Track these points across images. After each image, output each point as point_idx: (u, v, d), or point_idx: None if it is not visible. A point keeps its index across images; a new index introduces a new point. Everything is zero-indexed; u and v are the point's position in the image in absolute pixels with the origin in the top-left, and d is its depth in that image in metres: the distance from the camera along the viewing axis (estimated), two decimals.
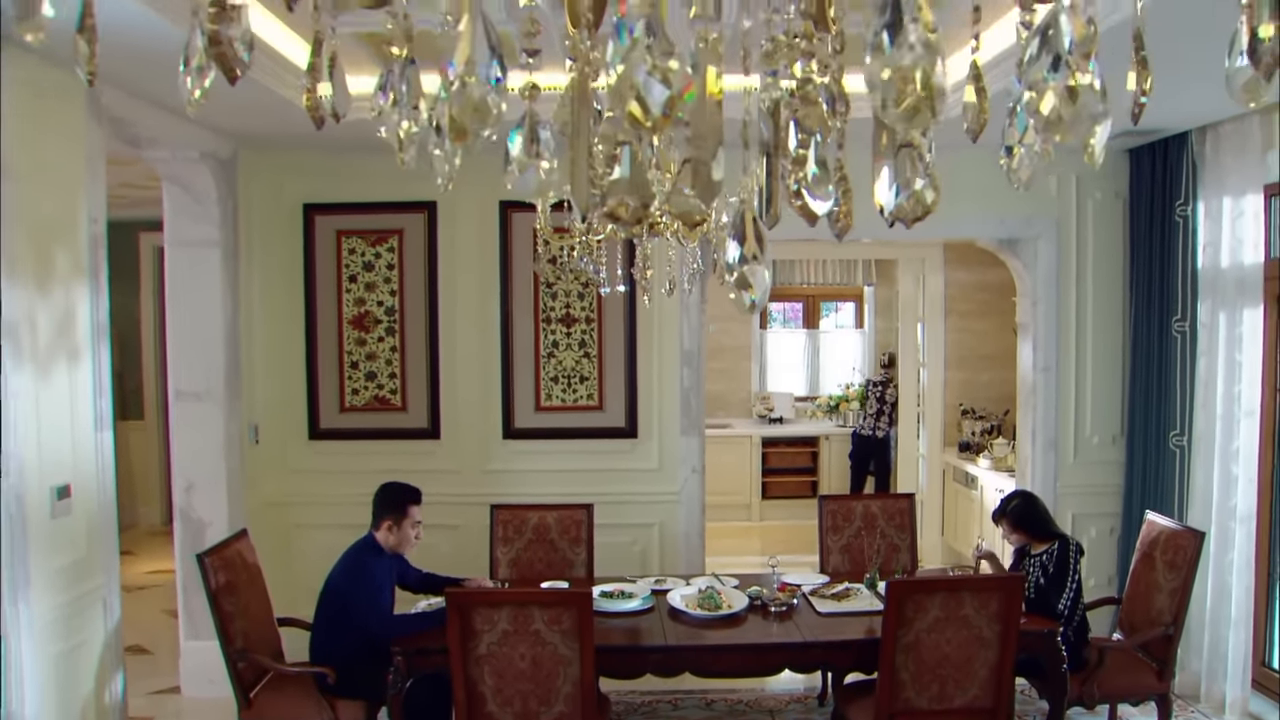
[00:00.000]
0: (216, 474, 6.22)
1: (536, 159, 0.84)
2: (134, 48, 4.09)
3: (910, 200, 0.72)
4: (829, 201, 0.82)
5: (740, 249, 0.79)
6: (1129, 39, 1.03)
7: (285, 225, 6.75)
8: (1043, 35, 0.64)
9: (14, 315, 4.05)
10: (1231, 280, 5.80)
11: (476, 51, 0.72)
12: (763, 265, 0.80)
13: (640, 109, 0.60)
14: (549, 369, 6.76)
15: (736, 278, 0.80)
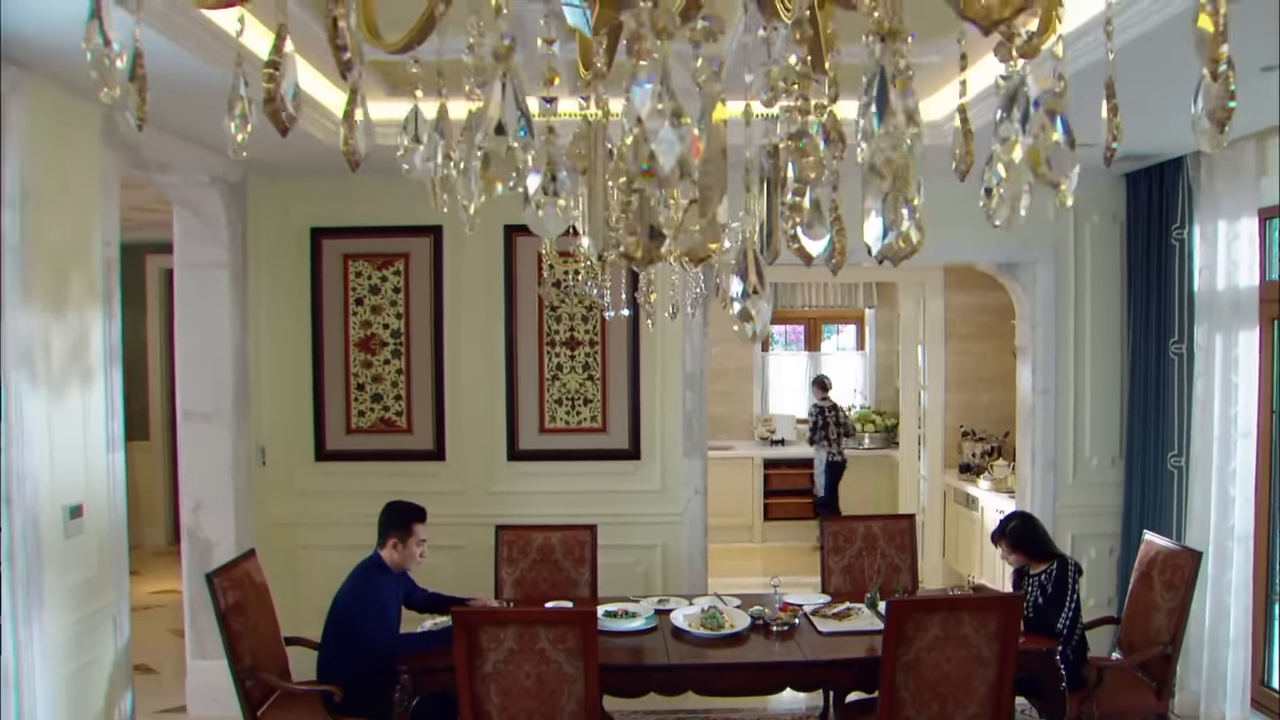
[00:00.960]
0: (224, 494, 6.29)
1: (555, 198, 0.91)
2: (150, 76, 4.18)
3: (897, 240, 0.80)
4: (823, 242, 0.89)
5: (743, 284, 0.87)
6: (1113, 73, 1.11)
7: (293, 248, 6.84)
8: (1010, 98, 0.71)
9: (30, 339, 4.13)
10: (1227, 303, 5.87)
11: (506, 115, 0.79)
12: (764, 298, 0.88)
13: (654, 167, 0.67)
14: (553, 391, 6.83)
15: (740, 311, 0.88)
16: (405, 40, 1.15)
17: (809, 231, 0.88)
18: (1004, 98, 0.69)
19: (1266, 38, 3.88)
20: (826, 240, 0.88)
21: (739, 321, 0.87)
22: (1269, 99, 4.67)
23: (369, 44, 1.19)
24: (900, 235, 0.79)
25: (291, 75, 0.96)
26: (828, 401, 11.17)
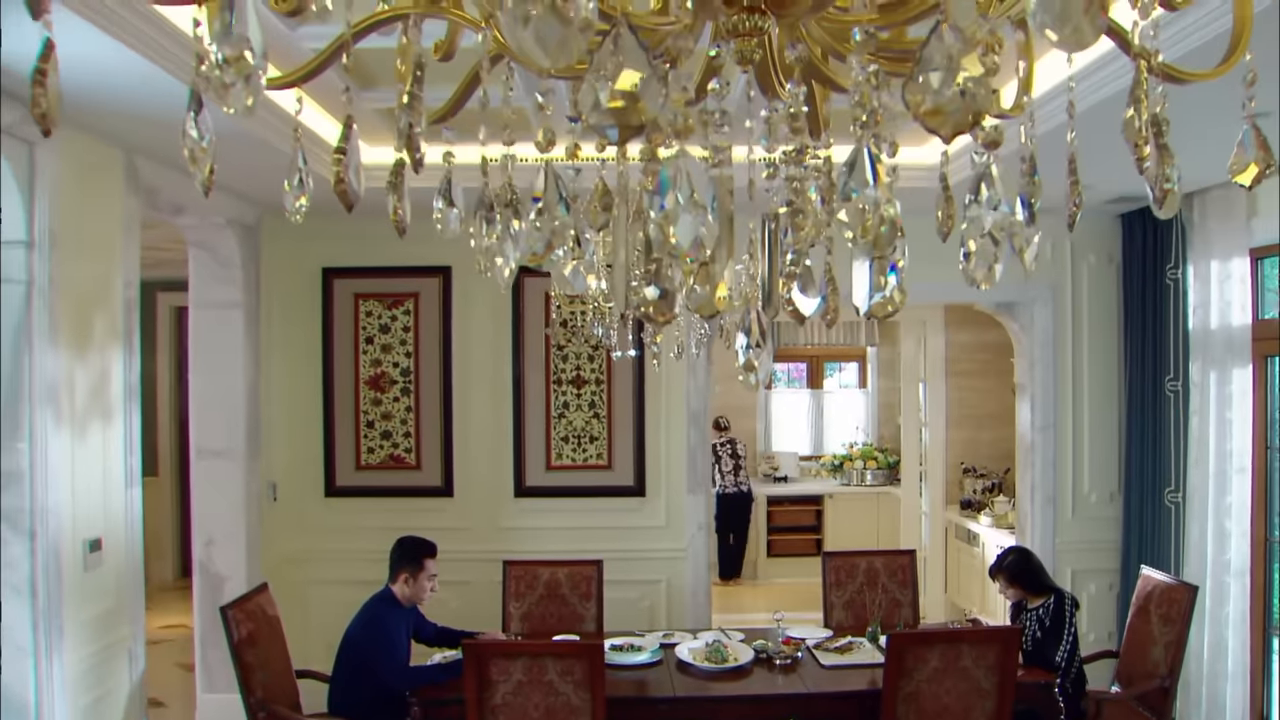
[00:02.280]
0: (236, 529, 6.40)
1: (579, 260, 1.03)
2: (171, 121, 4.34)
3: (882, 301, 0.92)
4: (816, 301, 1.01)
5: (747, 339, 0.99)
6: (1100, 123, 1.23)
7: (305, 288, 6.98)
8: (977, 181, 0.83)
9: (56, 378, 4.26)
10: (1220, 341, 5.99)
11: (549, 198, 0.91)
12: (766, 351, 0.99)
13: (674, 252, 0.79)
14: (559, 429, 6.95)
15: (744, 363, 1.00)
16: (445, 110, 1.28)
17: (804, 291, 1.00)
18: (972, 181, 0.81)
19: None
20: (819, 300, 1.01)
21: (743, 371, 0.99)
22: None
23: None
24: (886, 297, 0.91)
25: (356, 160, 1.09)
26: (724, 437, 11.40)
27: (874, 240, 0.84)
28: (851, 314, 10.45)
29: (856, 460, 12.35)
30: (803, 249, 1.00)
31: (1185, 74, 1.12)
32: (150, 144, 4.85)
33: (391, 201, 1.17)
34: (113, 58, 3.53)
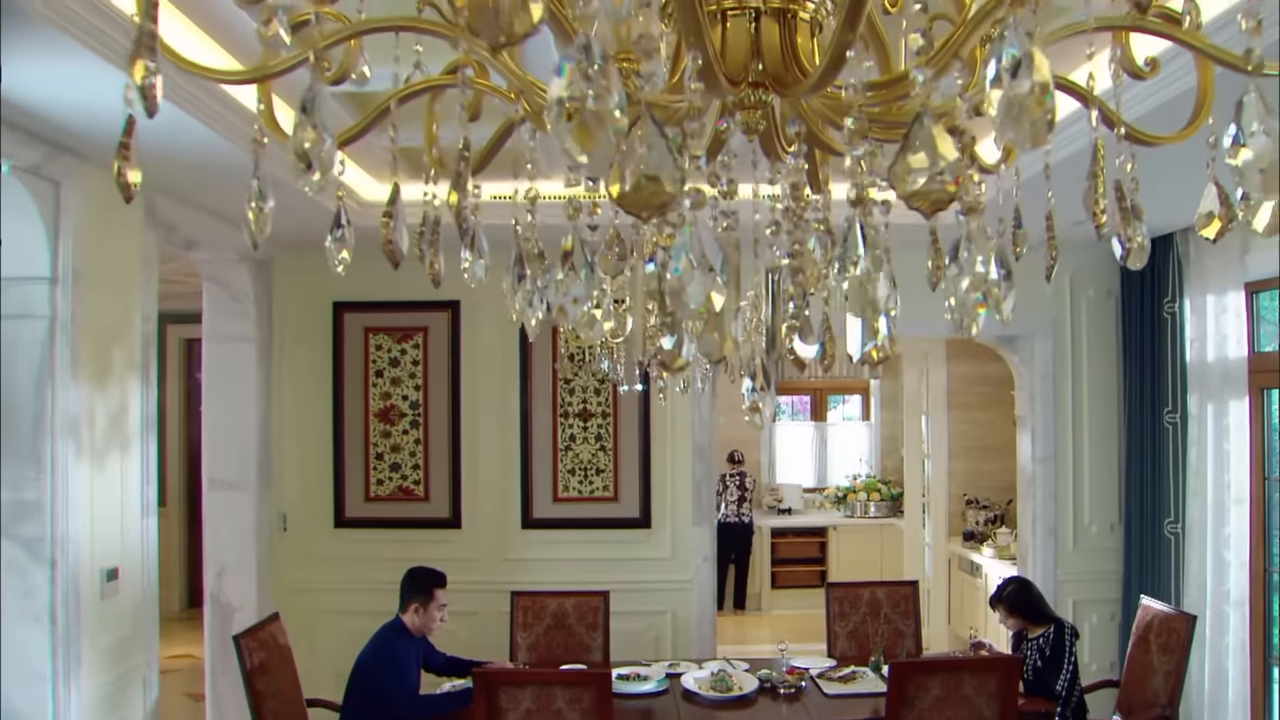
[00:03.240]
0: (247, 560, 6.49)
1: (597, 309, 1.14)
2: (190, 161, 4.48)
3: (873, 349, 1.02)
4: (815, 348, 1.11)
5: (753, 383, 1.09)
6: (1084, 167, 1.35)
7: (316, 322, 7.10)
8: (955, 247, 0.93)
9: (77, 411, 4.37)
10: (1217, 373, 6.09)
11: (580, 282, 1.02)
12: (770, 393, 1.10)
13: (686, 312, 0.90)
14: (566, 461, 7.05)
15: (750, 405, 1.10)
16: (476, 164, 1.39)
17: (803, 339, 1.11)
18: (951, 247, 0.92)
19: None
20: (817, 347, 1.11)
21: (749, 413, 1.10)
22: None
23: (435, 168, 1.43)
24: (877, 346, 1.01)
25: (401, 223, 1.19)
26: (734, 470, 11.56)
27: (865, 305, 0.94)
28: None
29: (860, 493, 12.43)
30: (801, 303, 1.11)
31: (1151, 137, 1.22)
32: (169, 182, 4.98)
33: (428, 256, 1.27)
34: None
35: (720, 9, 1.06)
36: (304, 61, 1.05)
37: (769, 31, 1.05)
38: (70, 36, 3.08)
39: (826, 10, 1.10)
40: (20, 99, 3.62)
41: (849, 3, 0.85)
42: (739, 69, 1.04)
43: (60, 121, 3.90)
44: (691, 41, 0.91)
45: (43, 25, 2.97)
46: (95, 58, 3.26)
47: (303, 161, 0.93)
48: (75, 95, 3.63)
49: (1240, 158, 0.89)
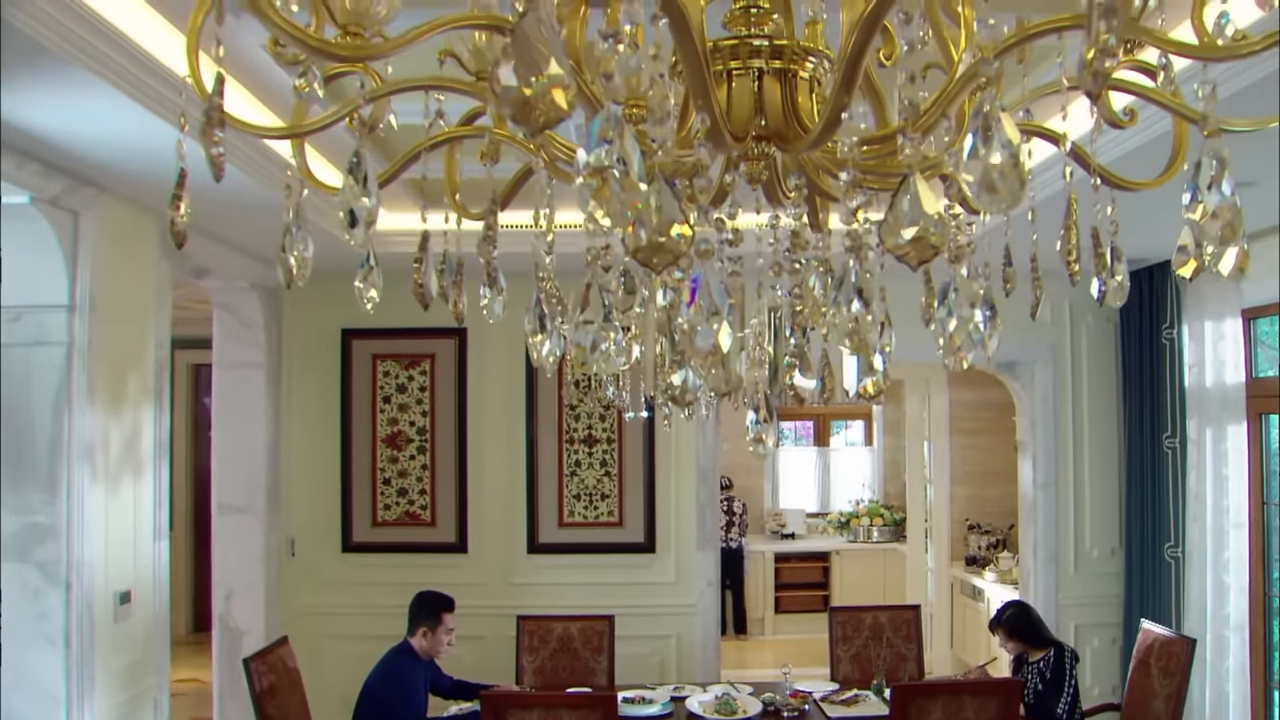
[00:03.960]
0: (255, 584, 6.54)
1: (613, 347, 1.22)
2: (206, 192, 4.55)
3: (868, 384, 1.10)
4: (814, 382, 1.19)
5: (756, 416, 1.17)
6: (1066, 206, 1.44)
7: (324, 349, 7.19)
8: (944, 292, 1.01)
9: (92, 436, 4.45)
10: (1215, 399, 6.16)
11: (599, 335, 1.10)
12: (772, 426, 1.18)
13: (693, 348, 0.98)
14: (571, 487, 7.12)
15: (753, 436, 1.18)
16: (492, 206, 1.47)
17: (803, 374, 1.19)
18: (939, 292, 1.00)
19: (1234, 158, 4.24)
20: (816, 381, 1.19)
21: (752, 444, 1.18)
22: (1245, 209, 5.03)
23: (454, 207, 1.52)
24: (871, 380, 1.09)
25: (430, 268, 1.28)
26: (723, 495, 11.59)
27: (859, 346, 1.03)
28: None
29: (863, 518, 12.48)
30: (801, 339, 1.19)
31: (1128, 183, 1.30)
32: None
33: (451, 297, 1.36)
34: (151, 130, 3.73)
35: (725, 69, 1.15)
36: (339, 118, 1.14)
37: (771, 90, 1.14)
38: (91, 72, 3.17)
39: (824, 68, 1.18)
40: (42, 132, 3.72)
41: (844, 70, 0.93)
42: (743, 126, 1.12)
43: (80, 154, 4.00)
44: (699, 105, 0.99)
45: (66, 61, 3.06)
46: (116, 93, 3.35)
47: (349, 220, 1.01)
48: (95, 129, 3.72)
49: (1198, 213, 0.97)
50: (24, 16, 2.81)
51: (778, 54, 1.16)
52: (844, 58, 0.95)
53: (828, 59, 1.18)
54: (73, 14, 2.97)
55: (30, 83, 3.27)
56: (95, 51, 3.14)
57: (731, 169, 1.17)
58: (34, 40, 2.91)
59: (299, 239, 1.22)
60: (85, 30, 3.05)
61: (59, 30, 2.96)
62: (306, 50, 0.94)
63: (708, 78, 0.96)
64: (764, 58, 1.15)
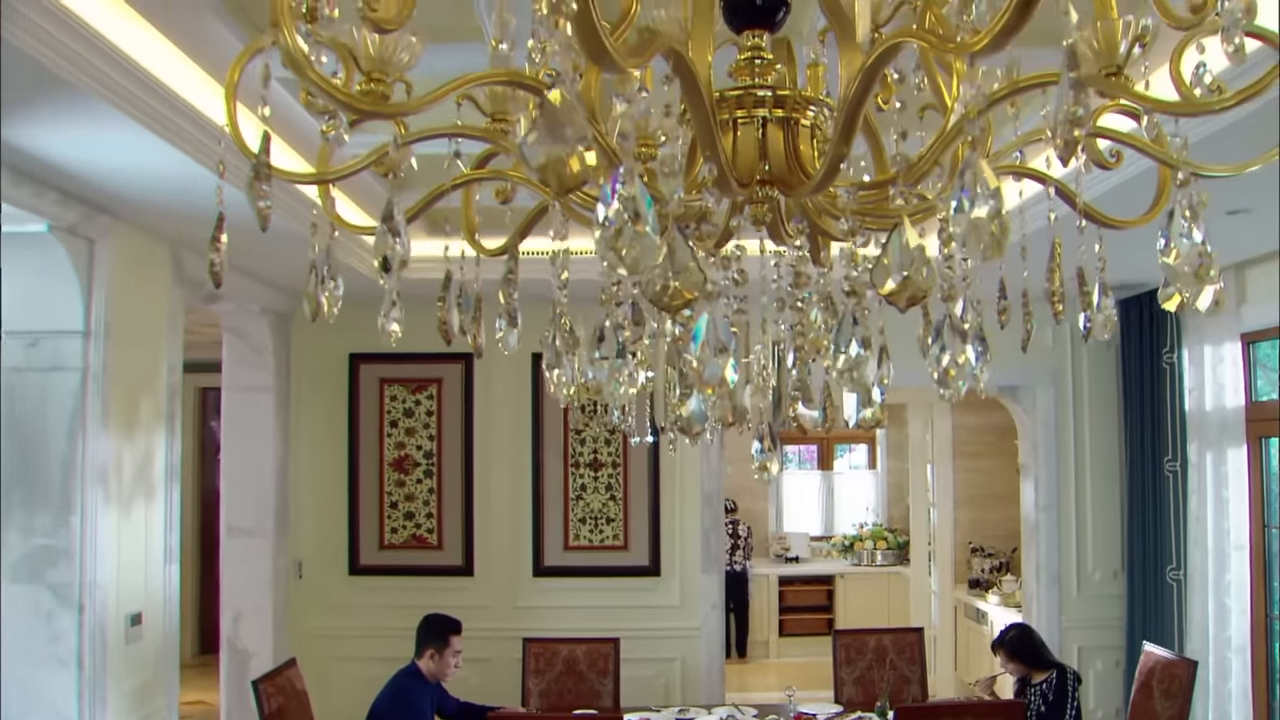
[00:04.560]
0: (263, 606, 6.60)
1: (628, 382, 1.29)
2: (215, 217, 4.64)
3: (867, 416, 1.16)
4: (816, 412, 1.26)
5: (761, 445, 1.24)
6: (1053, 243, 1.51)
7: (332, 373, 7.26)
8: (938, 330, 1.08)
9: (106, 460, 4.52)
10: (1216, 422, 6.21)
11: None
12: (777, 454, 1.24)
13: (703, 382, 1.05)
14: (577, 510, 7.18)
15: (758, 465, 1.24)
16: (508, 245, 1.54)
17: (806, 405, 1.25)
18: (933, 330, 1.06)
19: (1231, 186, 4.32)
20: (819, 412, 1.26)
21: (757, 472, 1.24)
22: (1239, 237, 5.12)
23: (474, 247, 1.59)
24: (869, 412, 1.16)
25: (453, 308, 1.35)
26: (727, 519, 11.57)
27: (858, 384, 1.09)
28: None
29: (867, 541, 12.51)
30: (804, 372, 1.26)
31: (1114, 221, 1.37)
32: (195, 238, 5.16)
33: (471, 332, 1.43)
34: (166, 160, 3.82)
35: (732, 117, 1.22)
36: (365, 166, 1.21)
37: (774, 138, 1.21)
38: (110, 104, 3.25)
39: (825, 115, 1.25)
40: (60, 161, 3.80)
41: (842, 124, 1.00)
42: (748, 172, 1.19)
43: (97, 183, 4.08)
44: (707, 154, 1.06)
45: (85, 93, 3.14)
46: (133, 124, 3.43)
47: (383, 268, 1.08)
48: (112, 158, 3.81)
49: (1171, 257, 1.04)
50: (45, 50, 2.89)
51: (780, 103, 1.23)
52: (842, 110, 1.02)
53: (828, 107, 1.25)
54: (93, 47, 3.05)
55: (50, 114, 3.35)
56: (114, 84, 3.22)
57: (737, 213, 1.24)
58: (54, 73, 2.99)
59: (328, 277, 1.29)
60: (104, 63, 3.13)
61: (79, 63, 3.04)
62: (340, 106, 1.01)
63: (715, 129, 1.03)
64: (768, 107, 1.22)
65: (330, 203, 1.40)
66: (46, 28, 2.83)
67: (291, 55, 0.91)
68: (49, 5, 2.79)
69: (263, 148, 1.10)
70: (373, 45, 1.30)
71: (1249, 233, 5.07)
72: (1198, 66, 1.17)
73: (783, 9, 1.30)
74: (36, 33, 2.81)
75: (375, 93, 1.32)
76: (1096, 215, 1.36)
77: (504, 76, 1.04)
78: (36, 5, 2.75)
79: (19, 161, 3.77)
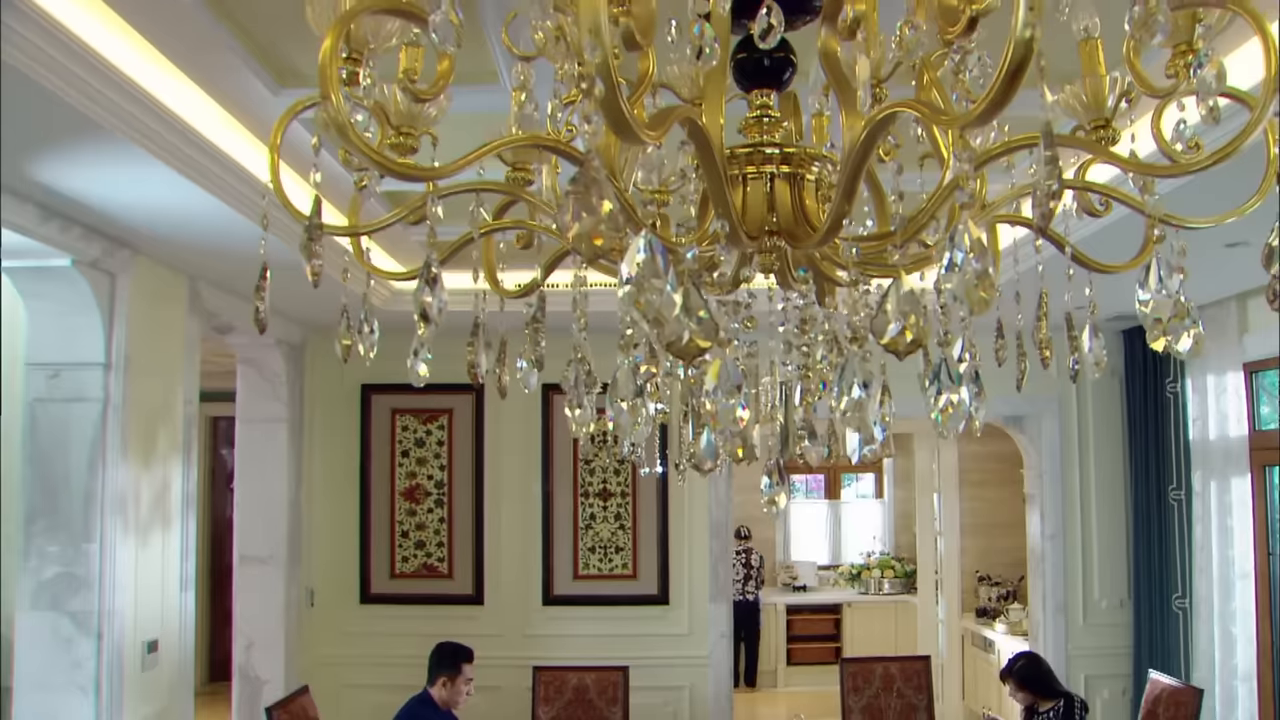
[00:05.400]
0: (276, 634, 6.66)
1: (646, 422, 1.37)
2: (236, 253, 4.76)
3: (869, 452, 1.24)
4: (822, 449, 1.34)
5: (770, 480, 1.31)
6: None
7: (344, 404, 7.35)
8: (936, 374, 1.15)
9: (124, 489, 4.61)
10: (1219, 451, 6.27)
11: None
12: (785, 488, 1.32)
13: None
14: (586, 540, 7.24)
15: (767, 499, 1.32)
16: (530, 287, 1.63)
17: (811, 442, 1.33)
18: (930, 373, 1.14)
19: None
20: (824, 450, 1.34)
21: (766, 506, 1.32)
22: (1239, 269, 5.21)
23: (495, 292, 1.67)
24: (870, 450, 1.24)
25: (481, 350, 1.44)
26: (740, 546, 11.56)
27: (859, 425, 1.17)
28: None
29: (874, 570, 12.53)
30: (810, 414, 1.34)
31: (1101, 266, 1.45)
32: (212, 271, 5.27)
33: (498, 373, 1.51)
34: (188, 197, 3.93)
35: (742, 173, 1.30)
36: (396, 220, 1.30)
37: (782, 192, 1.29)
38: (137, 144, 3.36)
39: (829, 169, 1.34)
40: (86, 199, 3.92)
41: (844, 185, 1.09)
42: (757, 226, 1.27)
43: (121, 218, 4.20)
44: (719, 211, 1.15)
45: (112, 134, 3.25)
46: (158, 163, 3.54)
47: (423, 320, 1.16)
48: (136, 195, 3.92)
49: (1148, 308, 1.12)
50: (74, 92, 2.99)
51: (787, 159, 1.32)
52: (844, 169, 1.11)
53: (831, 163, 1.33)
54: (123, 91, 3.16)
55: (80, 154, 3.47)
56: (143, 126, 3.33)
57: (746, 263, 1.32)
58: (86, 116, 3.09)
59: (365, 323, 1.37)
60: (134, 106, 3.24)
61: (110, 107, 3.15)
62: (378, 167, 1.09)
63: (726, 188, 1.11)
64: (775, 163, 1.31)
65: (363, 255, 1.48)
66: (78, 72, 2.94)
67: (339, 124, 1.00)
68: (82, 50, 2.90)
69: (314, 210, 1.18)
70: (402, 102, 1.39)
71: (1249, 264, 5.15)
72: (1178, 124, 1.26)
73: (789, 70, 1.39)
74: (68, 76, 2.92)
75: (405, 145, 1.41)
76: (1085, 260, 1.44)
77: (529, 140, 1.12)
78: (68, 50, 2.86)
79: (48, 199, 3.89)
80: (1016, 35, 0.83)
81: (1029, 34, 0.82)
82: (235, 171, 4.00)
